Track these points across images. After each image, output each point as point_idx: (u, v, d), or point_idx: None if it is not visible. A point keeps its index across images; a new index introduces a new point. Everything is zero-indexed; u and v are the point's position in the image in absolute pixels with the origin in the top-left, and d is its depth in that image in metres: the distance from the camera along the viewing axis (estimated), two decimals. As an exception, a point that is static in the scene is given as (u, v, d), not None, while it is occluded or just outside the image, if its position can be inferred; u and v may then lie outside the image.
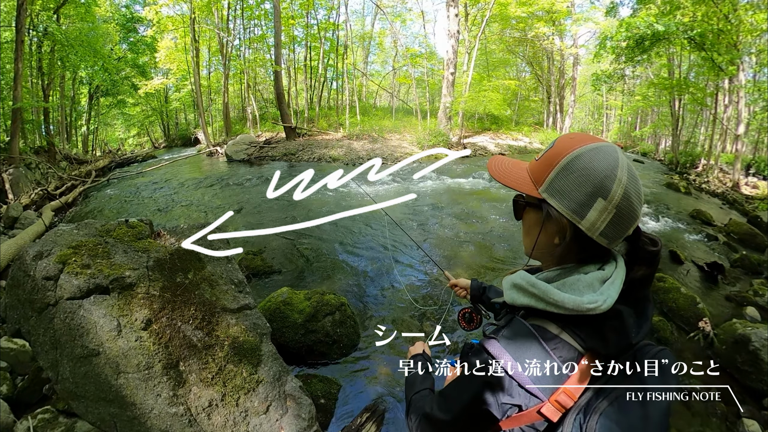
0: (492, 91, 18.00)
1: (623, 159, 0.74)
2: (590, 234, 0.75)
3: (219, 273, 2.37)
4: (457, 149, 15.35)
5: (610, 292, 0.72)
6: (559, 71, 28.89)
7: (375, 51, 30.49)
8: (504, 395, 0.73)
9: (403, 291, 4.48)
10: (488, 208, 7.79)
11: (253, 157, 13.97)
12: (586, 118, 49.05)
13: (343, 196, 8.31)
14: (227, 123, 19.84)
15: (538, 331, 0.74)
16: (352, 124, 18.43)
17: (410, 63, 20.73)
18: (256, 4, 19.97)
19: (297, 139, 16.28)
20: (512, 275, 0.83)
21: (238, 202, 7.95)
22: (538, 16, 21.67)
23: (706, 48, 9.77)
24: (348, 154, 13.62)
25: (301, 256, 5.29)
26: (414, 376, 1.11)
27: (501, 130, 22.07)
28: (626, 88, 28.78)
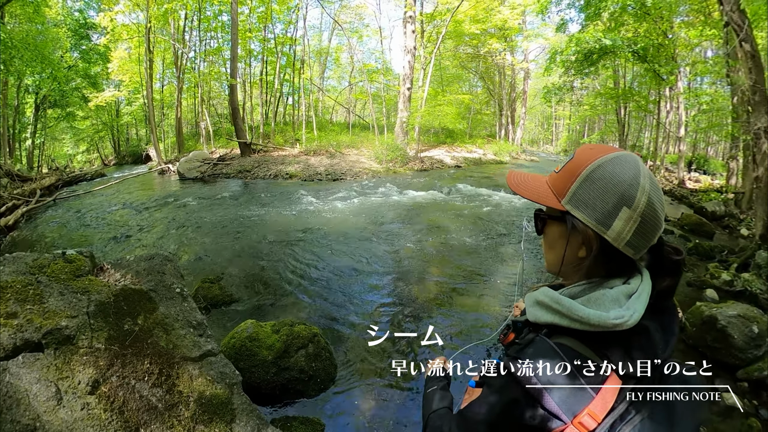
0: (447, 105, 18.47)
1: (644, 167, 0.74)
2: (616, 244, 0.73)
3: (174, 315, 2.05)
4: (415, 163, 15.51)
5: (636, 307, 0.70)
6: (510, 85, 30.18)
7: (331, 66, 30.58)
8: (526, 417, 0.71)
9: (373, 311, 4.28)
10: (453, 219, 7.79)
11: (207, 174, 13.37)
12: (536, 129, 51.62)
13: (302, 214, 8.00)
14: (180, 139, 19.05)
15: (562, 350, 0.71)
16: (309, 139, 18.25)
17: (367, 78, 20.83)
18: (213, 16, 19.47)
19: (252, 155, 15.84)
20: (535, 292, 0.80)
21: (190, 224, 7.43)
22: (490, 33, 22.59)
23: (648, 60, 10.48)
24: (305, 170, 13.34)
25: (262, 282, 4.95)
26: (432, 393, 1.07)
27: (456, 143, 22.65)
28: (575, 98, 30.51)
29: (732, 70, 7.39)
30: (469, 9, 19.70)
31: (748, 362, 3.21)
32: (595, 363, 0.71)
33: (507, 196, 10.35)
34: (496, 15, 20.39)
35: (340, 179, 12.64)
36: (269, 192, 10.33)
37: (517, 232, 7.07)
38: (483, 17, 20.38)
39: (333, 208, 8.51)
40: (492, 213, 8.47)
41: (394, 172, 14.28)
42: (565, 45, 12.70)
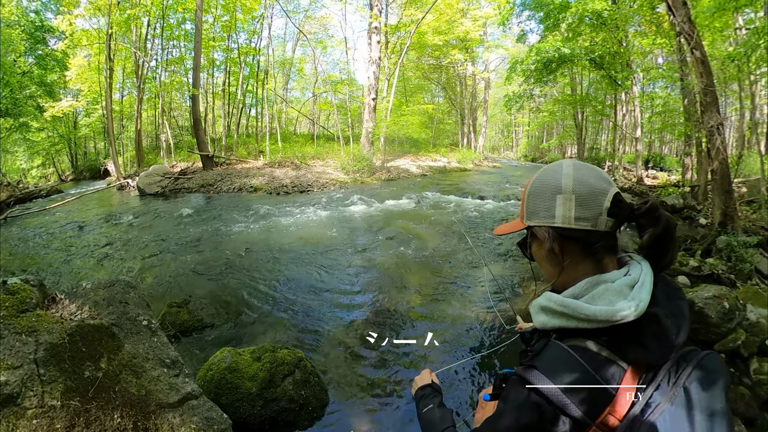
0: (411, 115, 18.63)
1: (568, 161, 0.83)
2: (568, 225, 0.78)
3: (143, 353, 1.74)
4: (382, 173, 15.45)
5: (641, 296, 0.70)
6: (471, 95, 30.96)
7: (295, 77, 30.17)
8: (548, 425, 0.69)
9: (355, 326, 4.04)
10: (425, 227, 7.70)
11: (168, 189, 12.64)
12: (497, 136, 53.18)
13: (270, 228, 7.64)
14: (139, 152, 17.98)
15: (576, 352, 0.71)
16: (273, 151, 17.88)
17: (332, 89, 20.66)
18: (176, 24, 18.68)
19: (215, 168, 15.25)
20: (539, 299, 0.82)
21: (152, 243, 6.89)
22: (452, 44, 23.07)
23: (605, 67, 10.93)
24: (271, 183, 12.91)
25: (233, 303, 4.57)
26: (431, 413, 1.02)
27: (421, 152, 22.96)
28: (534, 106, 31.60)
29: (684, 75, 7.77)
30: (433, 21, 20.05)
31: (723, 335, 3.38)
32: (611, 360, 0.70)
33: (475, 201, 10.44)
34: (458, 27, 20.85)
35: (307, 191, 12.33)
36: (234, 206, 9.87)
37: (488, 235, 7.09)
38: (446, 29, 20.79)
39: (302, 221, 8.20)
40: (462, 218, 8.46)
41: (362, 182, 14.14)
42: (526, 55, 13.05)
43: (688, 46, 6.00)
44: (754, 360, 3.21)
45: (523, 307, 4.33)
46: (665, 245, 0.78)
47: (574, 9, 10.40)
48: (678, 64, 8.09)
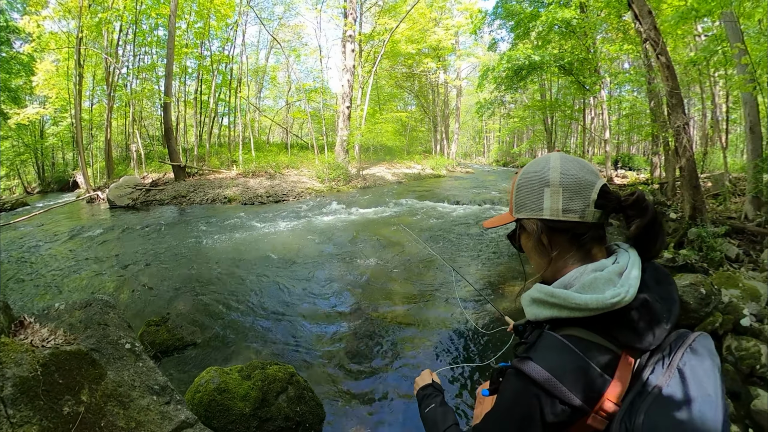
0: (385, 123, 18.69)
1: (555, 154, 0.83)
2: (556, 217, 0.79)
3: (129, 381, 1.55)
4: (357, 181, 15.38)
5: (630, 282, 0.71)
6: (443, 102, 31.40)
7: (268, 85, 29.78)
8: (548, 415, 0.68)
9: (341, 336, 3.93)
10: (402, 234, 7.60)
11: (139, 202, 12.11)
12: (469, 143, 54.11)
13: (246, 239, 7.38)
14: (109, 163, 17.14)
15: (570, 341, 0.71)
16: (247, 161, 17.53)
17: (306, 98, 20.46)
18: (149, 30, 17.99)
19: (187, 179, 14.78)
20: (529, 291, 0.81)
21: (125, 258, 6.51)
22: (425, 52, 23.32)
23: (573, 73, 11.25)
24: (245, 193, 12.57)
25: (213, 319, 4.34)
26: (433, 413, 1.02)
27: (395, 159, 23.05)
28: (504, 112, 32.25)
29: (651, 79, 8.07)
30: (406, 30, 20.21)
31: (701, 319, 3.51)
32: (604, 346, 0.71)
33: (451, 206, 10.48)
34: (431, 35, 21.11)
35: (282, 201, 12.08)
36: (208, 218, 9.52)
37: (465, 240, 7.12)
38: (418, 38, 21.00)
39: (279, 231, 7.98)
40: (439, 224, 8.44)
41: (338, 190, 14.03)
42: (497, 62, 13.30)
43: (654, 52, 6.21)
44: (728, 337, 3.38)
45: (508, 306, 4.36)
46: (653, 235, 0.78)
47: (544, 18, 10.67)
48: (644, 68, 8.40)
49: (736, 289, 3.86)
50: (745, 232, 5.70)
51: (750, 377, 3.08)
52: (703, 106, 11.59)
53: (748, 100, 6.52)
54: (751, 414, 2.69)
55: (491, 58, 19.98)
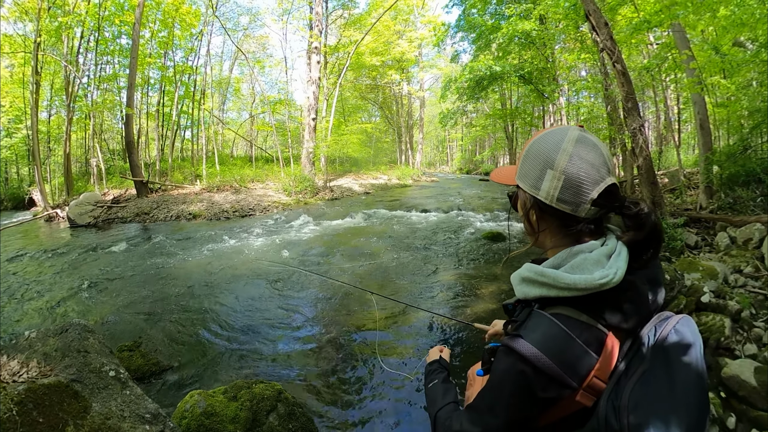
0: (351, 134, 18.68)
1: (574, 133, 0.79)
2: (549, 202, 0.79)
3: (117, 412, 1.37)
4: (325, 193, 15.26)
5: (618, 264, 0.72)
6: (407, 113, 31.80)
7: (231, 97, 29.09)
8: (538, 392, 0.70)
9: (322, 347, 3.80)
10: (375, 242, 7.63)
11: (101, 220, 11.37)
12: (433, 152, 54.99)
13: (214, 257, 7.06)
14: (69, 179, 15.96)
15: (559, 320, 0.71)
16: (211, 175, 16.99)
17: (270, 110, 20.11)
18: (112, 38, 17.09)
19: (150, 195, 14.07)
20: (519, 270, 0.81)
21: (90, 280, 6.03)
22: (389, 64, 23.58)
23: (533, 82, 11.64)
24: (210, 209, 12.07)
25: (188, 341, 4.07)
26: (435, 388, 1.04)
27: (362, 171, 23.08)
28: (467, 121, 33.01)
29: (608, 86, 8.48)
30: (371, 42, 20.34)
31: (666, 303, 3.64)
32: (592, 325, 0.71)
33: (421, 215, 10.54)
34: (395, 48, 21.39)
35: (249, 215, 11.69)
36: (173, 236, 9.05)
37: (438, 245, 7.20)
38: (383, 50, 21.22)
39: (248, 247, 7.69)
40: (410, 231, 8.45)
41: (305, 203, 13.79)
42: (459, 74, 13.61)
43: (611, 60, 6.50)
44: (693, 316, 3.48)
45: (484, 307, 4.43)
46: (644, 249, 0.77)
47: (504, 30, 11.01)
48: (601, 76, 8.82)
49: (696, 272, 4.07)
50: (701, 221, 6.04)
51: (717, 349, 3.26)
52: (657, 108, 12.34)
53: (697, 100, 6.99)
54: (723, 381, 2.84)
55: (454, 70, 20.51)
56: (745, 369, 2.77)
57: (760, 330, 3.41)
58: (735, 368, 2.82)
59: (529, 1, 12.03)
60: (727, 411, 2.62)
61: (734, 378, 2.78)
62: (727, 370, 2.87)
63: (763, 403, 2.62)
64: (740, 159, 6.45)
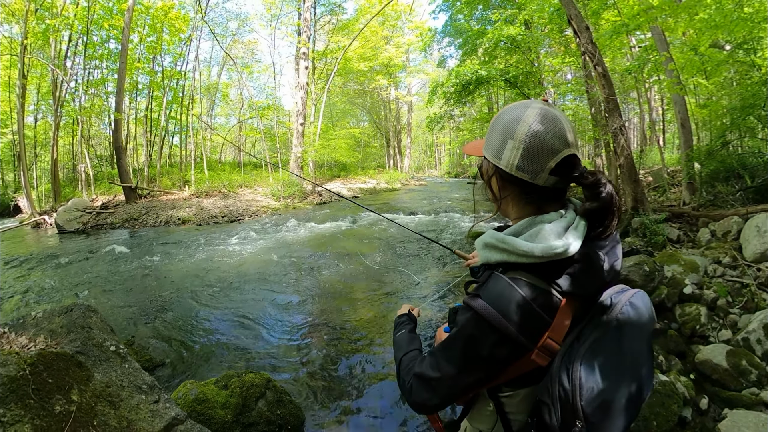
0: (339, 139, 18.75)
1: (536, 106, 0.83)
2: (508, 170, 0.83)
3: (117, 381, 1.47)
4: (313, 197, 15.27)
5: (575, 235, 0.77)
6: (395, 118, 32.00)
7: (220, 103, 29.05)
8: (493, 349, 0.76)
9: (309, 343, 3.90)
10: (364, 245, 7.78)
11: (90, 226, 11.32)
12: (421, 156, 55.22)
13: (204, 261, 7.10)
14: (56, 185, 15.77)
15: (515, 283, 0.76)
16: (199, 180, 16.98)
17: (258, 115, 20.16)
18: (100, 42, 16.93)
19: (138, 201, 14.03)
20: (482, 236, 0.86)
21: (81, 285, 6.05)
22: (377, 69, 23.77)
23: (519, 86, 11.87)
24: (199, 214, 12.08)
25: (179, 340, 4.14)
26: (401, 336, 1.11)
27: (350, 175, 23.13)
28: (454, 125, 33.31)
29: (590, 88, 8.72)
30: (359, 47, 20.53)
31: (648, 293, 3.79)
32: (547, 291, 0.76)
33: (408, 217, 10.69)
34: (382, 53, 21.59)
35: (238, 220, 11.72)
36: (163, 241, 9.05)
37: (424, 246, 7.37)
38: (370, 55, 21.41)
39: (237, 251, 7.74)
40: (398, 233, 8.59)
41: (294, 207, 13.83)
42: (446, 78, 13.78)
43: (592, 63, 6.71)
44: (677, 307, 3.73)
45: None
46: (600, 219, 0.81)
47: (490, 35, 11.24)
48: (584, 78, 9.06)
49: (677, 265, 4.24)
50: (684, 216, 6.21)
51: (692, 338, 3.43)
52: (641, 109, 12.67)
53: (677, 100, 7.24)
54: (697, 367, 2.99)
55: (440, 74, 20.72)
56: (717, 353, 2.92)
57: (735, 316, 3.56)
58: (708, 353, 2.98)
59: (514, 6, 12.35)
60: (699, 393, 2.76)
61: (707, 362, 2.92)
62: (700, 355, 3.02)
63: (734, 383, 2.77)
64: (719, 155, 6.68)
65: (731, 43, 7.01)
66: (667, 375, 2.81)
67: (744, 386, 2.75)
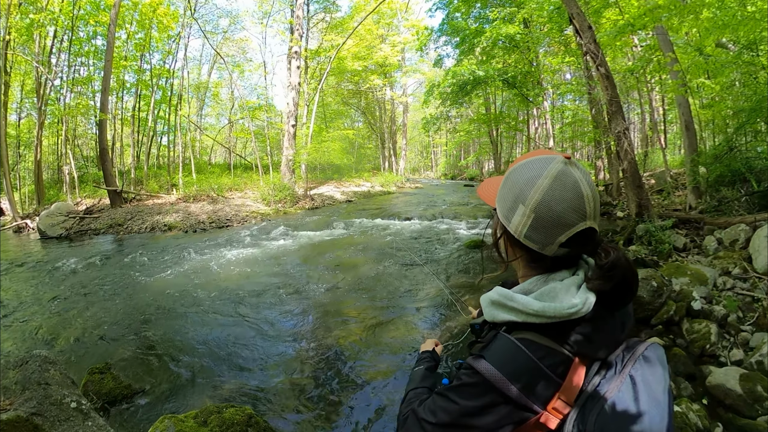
0: (332, 141, 18.62)
1: (555, 167, 0.76)
2: (517, 236, 0.80)
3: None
4: (305, 201, 15.18)
5: (588, 295, 0.74)
6: (390, 119, 31.94)
7: (210, 102, 28.82)
8: (496, 412, 0.73)
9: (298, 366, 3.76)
10: (357, 253, 7.59)
11: (73, 231, 11.11)
12: (417, 158, 55.28)
13: (190, 271, 6.92)
14: (39, 187, 15.51)
15: (523, 344, 0.73)
16: (187, 184, 16.75)
17: (249, 116, 19.97)
18: (86, 38, 16.69)
19: (124, 205, 13.81)
20: (489, 292, 0.83)
21: (60, 297, 5.86)
22: (371, 69, 23.66)
23: (517, 86, 11.82)
24: (186, 220, 11.87)
25: (161, 362, 3.96)
26: (417, 372, 1.11)
27: (344, 178, 23.02)
28: (451, 126, 33.31)
29: (591, 89, 8.65)
30: (353, 46, 20.39)
31: (656, 310, 3.77)
32: (558, 351, 0.73)
33: (404, 223, 10.53)
34: (377, 52, 21.47)
35: (226, 226, 11.51)
36: (148, 249, 8.86)
37: (422, 254, 7.26)
38: (365, 54, 21.29)
39: (224, 261, 7.55)
40: (393, 241, 8.43)
41: (285, 212, 13.65)
42: (442, 78, 13.71)
43: (594, 64, 6.63)
44: (684, 321, 3.65)
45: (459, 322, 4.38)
46: (611, 299, 0.77)
47: (488, 33, 11.16)
48: (585, 79, 8.99)
49: (685, 277, 4.14)
50: (690, 222, 6.14)
51: (701, 357, 3.32)
52: (642, 110, 12.64)
53: (681, 102, 7.17)
54: (708, 390, 2.88)
55: (437, 74, 20.69)
56: (730, 377, 2.81)
57: (747, 334, 3.47)
58: (720, 377, 2.86)
59: (513, 5, 12.28)
60: (713, 420, 2.64)
61: (720, 387, 2.81)
62: (711, 379, 2.91)
63: (749, 410, 2.66)
64: (725, 159, 6.62)
65: (736, 43, 6.96)
66: (679, 404, 2.69)
67: (759, 413, 2.64)
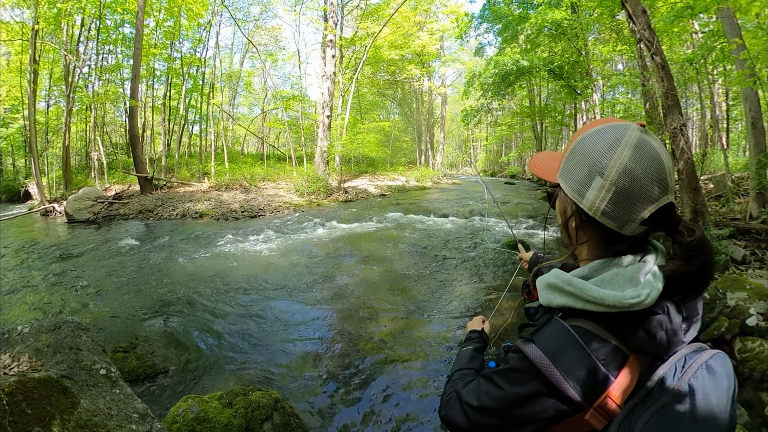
0: (368, 133, 18.72)
1: (633, 136, 0.72)
2: (592, 214, 0.75)
3: (105, 410, 1.44)
4: (339, 194, 15.36)
5: (653, 285, 0.69)
6: (428, 111, 31.76)
7: (242, 92, 29.63)
8: (541, 401, 0.71)
9: (327, 356, 3.86)
10: (390, 248, 7.68)
11: (101, 216, 11.72)
12: (454, 152, 54.76)
13: (220, 258, 7.20)
14: (67, 172, 16.46)
15: (577, 332, 0.71)
16: (219, 172, 17.31)
17: (283, 106, 20.40)
18: (114, 26, 17.53)
19: (154, 192, 14.49)
20: (546, 275, 0.80)
21: (86, 279, 6.25)
22: (408, 58, 23.61)
23: (564, 77, 11.50)
24: (218, 208, 12.32)
25: (186, 344, 4.18)
26: (464, 353, 1.10)
27: (378, 171, 23.13)
28: (491, 120, 32.77)
29: (645, 80, 8.30)
30: (389, 35, 20.43)
31: (707, 326, 3.57)
32: (613, 345, 0.71)
33: (439, 220, 10.54)
34: (414, 41, 21.41)
35: (258, 216, 11.88)
36: (178, 235, 9.27)
37: (456, 253, 7.23)
38: (402, 43, 21.27)
39: (255, 249, 7.83)
40: (427, 238, 8.47)
41: (318, 204, 13.91)
42: (483, 68, 13.53)
43: (649, 52, 6.37)
44: (737, 341, 3.44)
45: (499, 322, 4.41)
46: (688, 283, 0.73)
47: (533, 20, 10.92)
48: (639, 69, 8.63)
49: (742, 291, 3.92)
50: (751, 232, 5.82)
51: (761, 383, 3.11)
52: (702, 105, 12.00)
53: (748, 95, 6.71)
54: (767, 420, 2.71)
55: (477, 64, 20.45)
56: (794, 407, 2.65)
57: (811, 359, 3.28)
58: (783, 406, 2.70)
59: (560, -12, 11.95)
60: (777, 454, 2.52)
61: (783, 418, 2.65)
62: (773, 407, 2.74)
63: (818, 445, 2.54)
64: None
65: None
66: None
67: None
